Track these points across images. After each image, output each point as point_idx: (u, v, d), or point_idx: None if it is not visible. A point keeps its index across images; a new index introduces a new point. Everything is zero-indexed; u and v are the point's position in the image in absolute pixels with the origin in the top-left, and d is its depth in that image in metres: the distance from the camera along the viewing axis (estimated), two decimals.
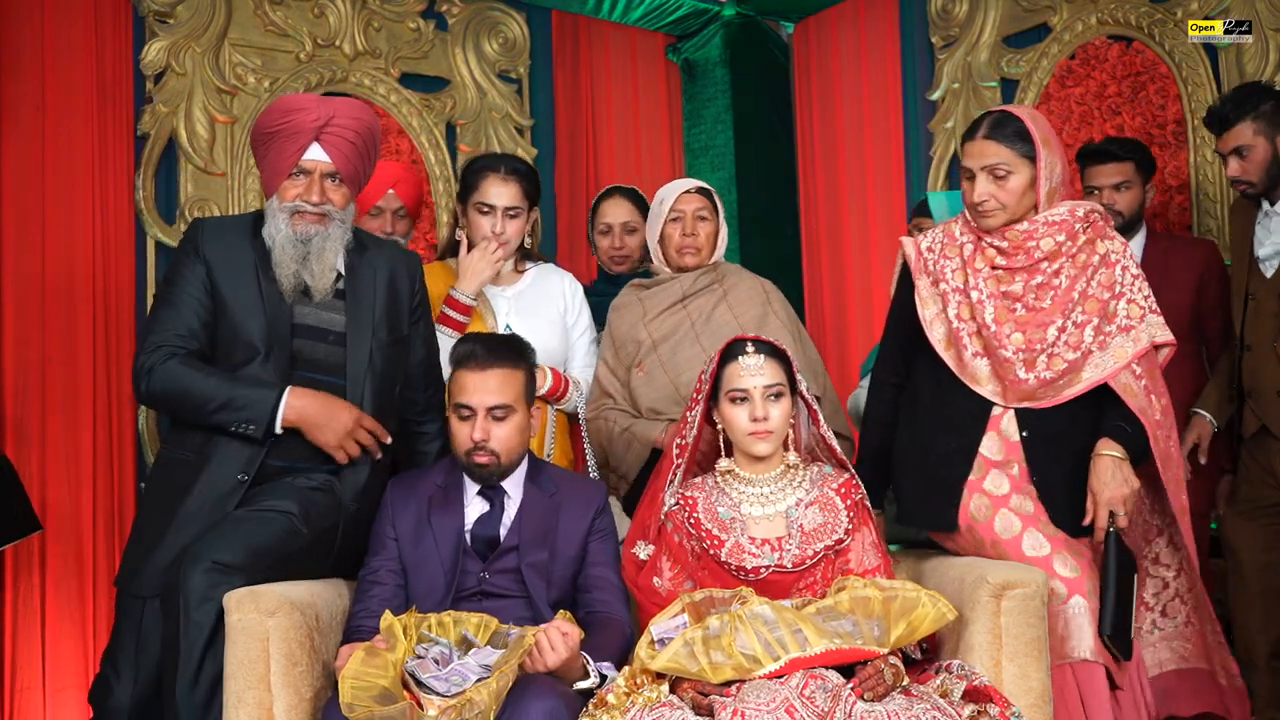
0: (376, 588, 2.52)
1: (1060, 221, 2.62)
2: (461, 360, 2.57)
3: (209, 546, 2.35)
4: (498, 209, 3.16)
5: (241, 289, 2.56)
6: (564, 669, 2.26)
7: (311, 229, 2.58)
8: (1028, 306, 2.61)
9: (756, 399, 2.50)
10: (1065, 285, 2.61)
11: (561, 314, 3.29)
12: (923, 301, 2.72)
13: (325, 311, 2.63)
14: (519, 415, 2.58)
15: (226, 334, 2.55)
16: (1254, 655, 3.22)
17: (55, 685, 3.61)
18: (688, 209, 3.23)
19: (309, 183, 2.60)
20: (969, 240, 2.70)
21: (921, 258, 2.75)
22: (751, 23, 5.06)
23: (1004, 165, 2.61)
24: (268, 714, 2.26)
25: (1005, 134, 2.62)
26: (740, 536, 2.50)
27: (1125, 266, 2.62)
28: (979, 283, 2.64)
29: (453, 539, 2.53)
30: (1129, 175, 3.55)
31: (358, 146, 2.63)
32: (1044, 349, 2.58)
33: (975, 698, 2.16)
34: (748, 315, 3.16)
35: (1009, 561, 2.50)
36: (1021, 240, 2.62)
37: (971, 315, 2.64)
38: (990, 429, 2.63)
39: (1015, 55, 4.36)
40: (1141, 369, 2.58)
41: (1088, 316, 2.59)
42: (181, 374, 2.48)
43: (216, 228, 2.65)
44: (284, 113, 2.60)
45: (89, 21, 3.79)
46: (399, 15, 4.40)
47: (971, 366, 2.64)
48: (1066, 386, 2.58)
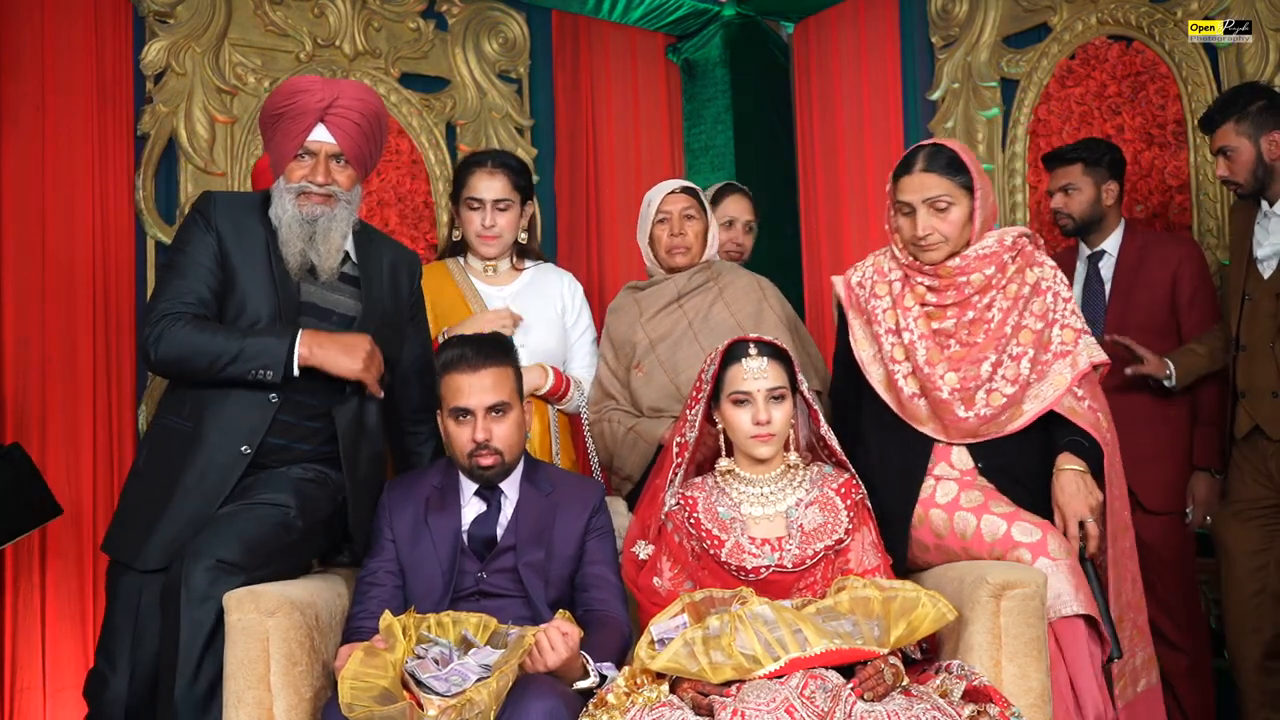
0: (375, 589, 2.52)
1: (990, 254, 2.63)
2: (451, 364, 2.56)
3: (208, 545, 2.35)
4: (486, 203, 3.18)
5: (252, 263, 2.57)
6: (564, 669, 2.26)
7: (317, 209, 2.59)
8: (961, 342, 2.63)
9: (759, 402, 2.50)
10: (998, 319, 2.62)
11: (560, 314, 3.29)
12: (858, 343, 2.74)
13: (331, 293, 2.64)
14: (516, 411, 2.58)
15: (234, 306, 2.56)
16: (1245, 655, 3.22)
17: (55, 685, 3.61)
18: (674, 209, 3.24)
19: (314, 164, 2.60)
20: (898, 277, 2.71)
21: (853, 293, 2.78)
22: (751, 23, 5.05)
23: (945, 197, 2.62)
24: (267, 714, 2.26)
25: (942, 166, 2.63)
26: (740, 536, 2.50)
27: (1056, 292, 2.64)
28: (910, 322, 2.66)
29: (450, 539, 2.53)
30: (1075, 178, 3.58)
31: (363, 128, 2.63)
32: (979, 385, 2.60)
33: (975, 698, 2.16)
34: (744, 312, 3.17)
35: (1008, 562, 2.50)
36: (952, 276, 2.64)
37: (906, 356, 2.66)
38: (940, 459, 2.65)
39: (1015, 55, 4.36)
40: (1084, 391, 2.60)
41: (1023, 348, 2.61)
42: (191, 335, 2.47)
43: (228, 201, 2.65)
44: (290, 94, 2.60)
45: (89, 21, 3.79)
46: (399, 15, 4.40)
47: (911, 407, 2.66)
48: (1009, 421, 2.60)
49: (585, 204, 4.79)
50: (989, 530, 2.55)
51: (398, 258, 2.81)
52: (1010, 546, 2.50)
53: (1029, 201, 4.30)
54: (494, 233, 3.19)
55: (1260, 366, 3.21)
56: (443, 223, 4.36)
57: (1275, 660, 3.23)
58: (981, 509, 2.58)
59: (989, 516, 2.56)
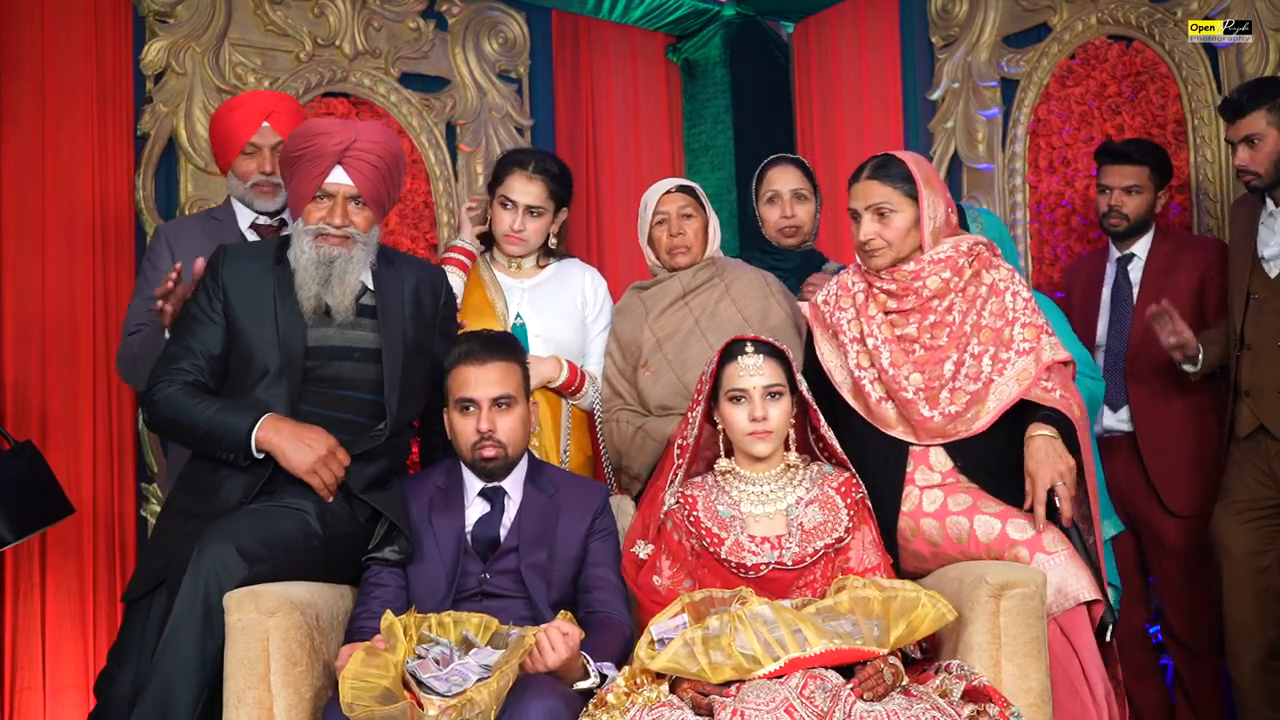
0: (378, 589, 2.52)
1: (945, 259, 2.67)
2: (459, 358, 2.59)
3: (228, 532, 2.37)
4: (519, 205, 3.17)
5: (259, 314, 2.60)
6: (564, 669, 2.26)
7: (334, 251, 2.61)
8: (925, 346, 2.67)
9: (755, 399, 2.50)
10: (958, 320, 2.66)
11: (579, 306, 3.28)
12: (825, 356, 2.78)
13: (350, 330, 2.66)
14: (520, 407, 2.60)
15: (241, 357, 2.60)
16: (1245, 655, 3.22)
17: (55, 685, 3.61)
18: (671, 209, 3.23)
19: (332, 205, 2.62)
20: (861, 289, 2.76)
21: (818, 311, 2.83)
22: (751, 23, 5.06)
23: (887, 204, 2.67)
24: (267, 714, 2.26)
25: (889, 174, 2.70)
26: (740, 534, 2.50)
27: (1015, 292, 2.67)
28: (873, 329, 2.70)
29: (454, 539, 2.54)
30: (1142, 180, 3.55)
31: (380, 170, 2.66)
32: (943, 384, 2.62)
33: (974, 698, 2.17)
34: (751, 308, 3.16)
35: (1007, 562, 2.50)
36: (909, 281, 2.68)
37: (871, 362, 2.70)
38: (918, 463, 2.66)
39: (1015, 55, 4.36)
40: (1053, 382, 2.61)
41: (984, 346, 2.64)
42: (177, 403, 2.53)
43: (237, 254, 2.69)
44: (308, 137, 2.64)
45: (89, 21, 3.79)
46: (399, 15, 4.40)
47: (879, 411, 2.69)
48: (976, 419, 2.62)
49: (585, 204, 4.79)
50: (983, 531, 2.55)
51: (420, 277, 2.80)
52: (1007, 545, 2.51)
53: (1029, 201, 4.30)
54: (522, 236, 3.18)
55: (1267, 365, 3.19)
56: (443, 223, 4.36)
57: (1276, 660, 3.23)
58: (973, 510, 2.59)
59: (981, 517, 2.57)
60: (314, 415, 2.58)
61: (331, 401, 2.61)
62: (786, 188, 3.46)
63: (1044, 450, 2.51)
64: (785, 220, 3.45)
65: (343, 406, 2.63)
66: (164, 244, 3.12)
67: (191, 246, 2.99)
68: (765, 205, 3.50)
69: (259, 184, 3.13)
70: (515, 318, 3.15)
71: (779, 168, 3.51)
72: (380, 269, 2.73)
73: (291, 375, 2.58)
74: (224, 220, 3.18)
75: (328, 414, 2.60)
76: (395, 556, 2.54)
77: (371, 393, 2.64)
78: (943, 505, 2.61)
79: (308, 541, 2.47)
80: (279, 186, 3.08)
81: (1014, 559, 2.49)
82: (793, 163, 3.54)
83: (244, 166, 3.14)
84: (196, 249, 2.91)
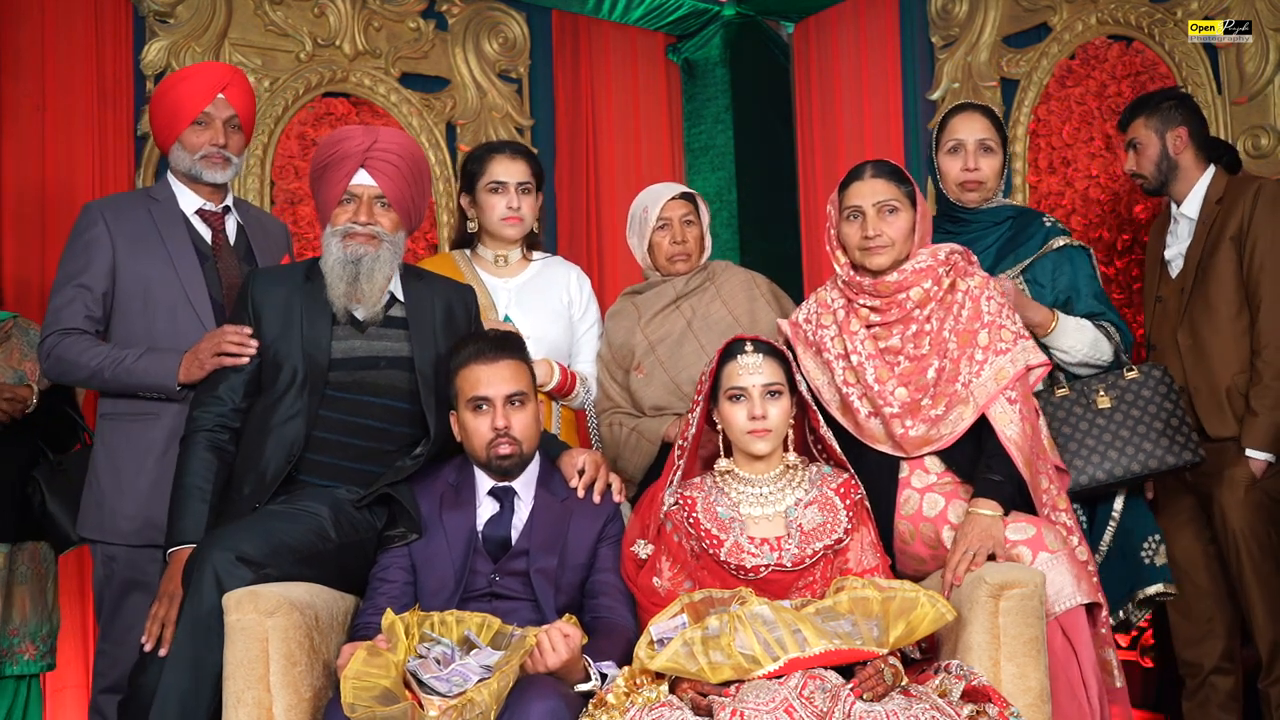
0: (385, 585, 2.52)
1: (926, 268, 2.69)
2: (469, 358, 2.59)
3: (234, 537, 2.38)
4: (510, 184, 3.19)
5: (285, 329, 2.66)
6: (565, 671, 2.26)
7: (361, 249, 2.64)
8: (909, 357, 2.69)
9: (755, 397, 2.51)
10: (937, 328, 2.69)
11: (566, 305, 3.28)
12: (810, 374, 2.77)
13: (377, 340, 2.69)
14: (532, 405, 2.61)
15: (270, 368, 2.66)
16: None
17: (55, 685, 3.61)
18: (674, 216, 3.23)
19: (358, 206, 2.67)
20: (841, 305, 2.77)
21: (799, 330, 2.83)
22: (751, 23, 5.06)
23: (894, 201, 2.69)
24: (267, 714, 2.26)
25: (893, 175, 2.73)
26: (739, 536, 2.50)
27: (990, 297, 2.69)
28: (857, 345, 2.71)
29: (465, 537, 2.54)
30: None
31: (402, 170, 2.70)
32: (925, 393, 2.64)
33: (974, 698, 2.17)
34: (740, 308, 3.18)
35: (1006, 562, 2.50)
36: (892, 293, 2.69)
37: (856, 379, 2.70)
38: (914, 468, 2.67)
39: (1015, 55, 4.36)
40: (1016, 393, 2.63)
41: (961, 349, 2.65)
42: (200, 452, 2.62)
43: (266, 280, 2.74)
44: (331, 144, 2.71)
45: (89, 21, 3.80)
46: (399, 15, 4.40)
47: (867, 427, 2.69)
48: (959, 420, 2.62)
49: (585, 204, 4.80)
50: None
51: (451, 296, 2.84)
52: (1007, 545, 2.51)
53: (1029, 202, 4.29)
54: (519, 215, 3.20)
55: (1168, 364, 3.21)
56: (443, 223, 4.36)
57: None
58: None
59: None
60: (335, 421, 2.61)
61: (353, 407, 2.63)
62: (972, 137, 3.15)
63: (978, 527, 2.49)
64: (967, 174, 3.15)
65: (365, 412, 2.64)
66: (103, 224, 2.91)
67: (132, 227, 2.90)
68: (946, 155, 3.20)
69: (209, 155, 2.95)
70: (504, 319, 3.15)
71: (964, 114, 3.22)
72: (410, 281, 2.77)
73: (314, 383, 2.61)
74: (163, 201, 2.98)
75: (349, 419, 2.62)
76: (408, 535, 2.58)
77: (395, 399, 2.67)
78: (942, 512, 2.62)
79: (320, 545, 2.48)
80: (229, 160, 2.97)
81: (1014, 558, 2.49)
82: (980, 110, 3.25)
83: (194, 139, 2.94)
84: (138, 230, 2.88)
